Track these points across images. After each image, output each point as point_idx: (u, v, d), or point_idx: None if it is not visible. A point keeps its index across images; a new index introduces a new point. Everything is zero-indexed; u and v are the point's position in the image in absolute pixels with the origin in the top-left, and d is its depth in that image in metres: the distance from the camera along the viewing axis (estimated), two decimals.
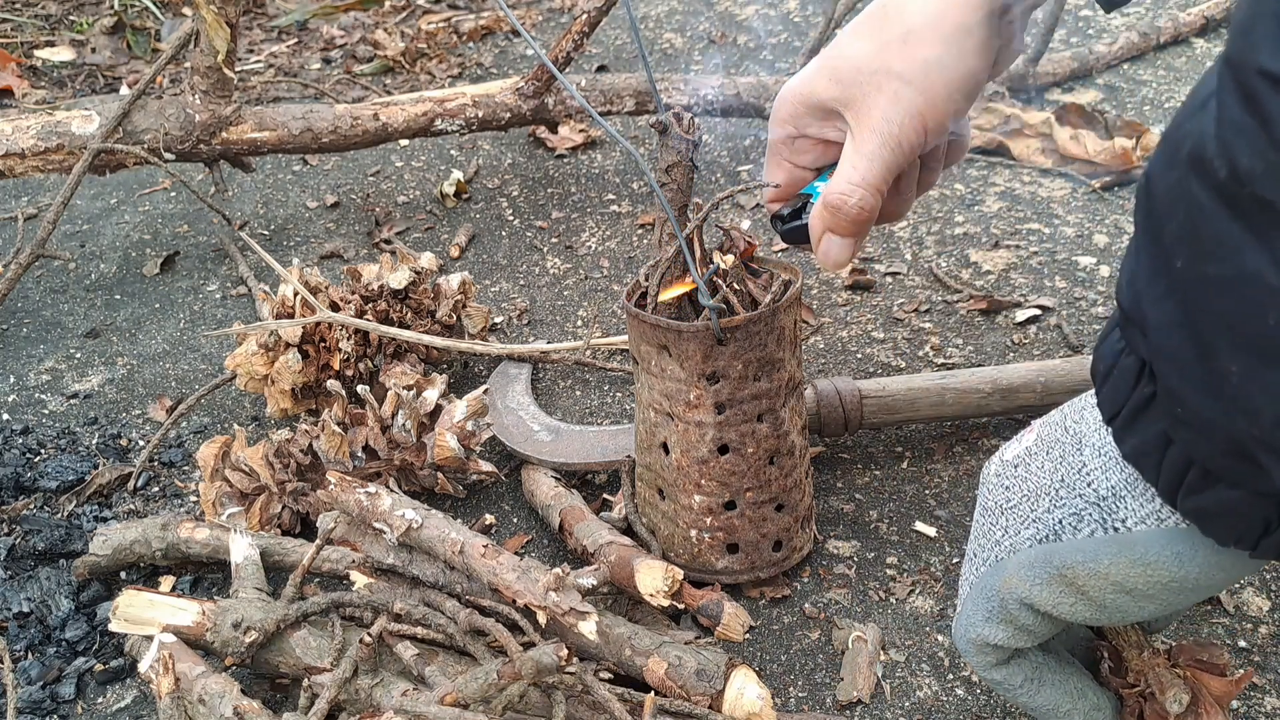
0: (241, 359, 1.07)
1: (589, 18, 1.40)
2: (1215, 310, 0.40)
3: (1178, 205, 0.41)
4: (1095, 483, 0.53)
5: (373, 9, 2.46)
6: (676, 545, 0.85)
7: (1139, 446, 0.49)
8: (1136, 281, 0.45)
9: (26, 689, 0.84)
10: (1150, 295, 0.44)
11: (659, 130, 0.75)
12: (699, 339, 0.75)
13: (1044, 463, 0.57)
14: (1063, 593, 0.55)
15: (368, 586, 0.82)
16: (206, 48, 1.32)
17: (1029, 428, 0.61)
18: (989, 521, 0.59)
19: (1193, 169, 0.40)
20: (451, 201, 1.59)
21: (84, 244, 1.60)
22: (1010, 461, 0.60)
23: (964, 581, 0.62)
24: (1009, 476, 0.59)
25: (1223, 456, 0.44)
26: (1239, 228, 0.38)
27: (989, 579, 0.58)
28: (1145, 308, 0.44)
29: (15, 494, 1.07)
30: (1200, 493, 0.46)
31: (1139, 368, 0.47)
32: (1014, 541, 0.57)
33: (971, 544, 0.62)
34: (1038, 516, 0.56)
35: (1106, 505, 0.52)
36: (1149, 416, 0.48)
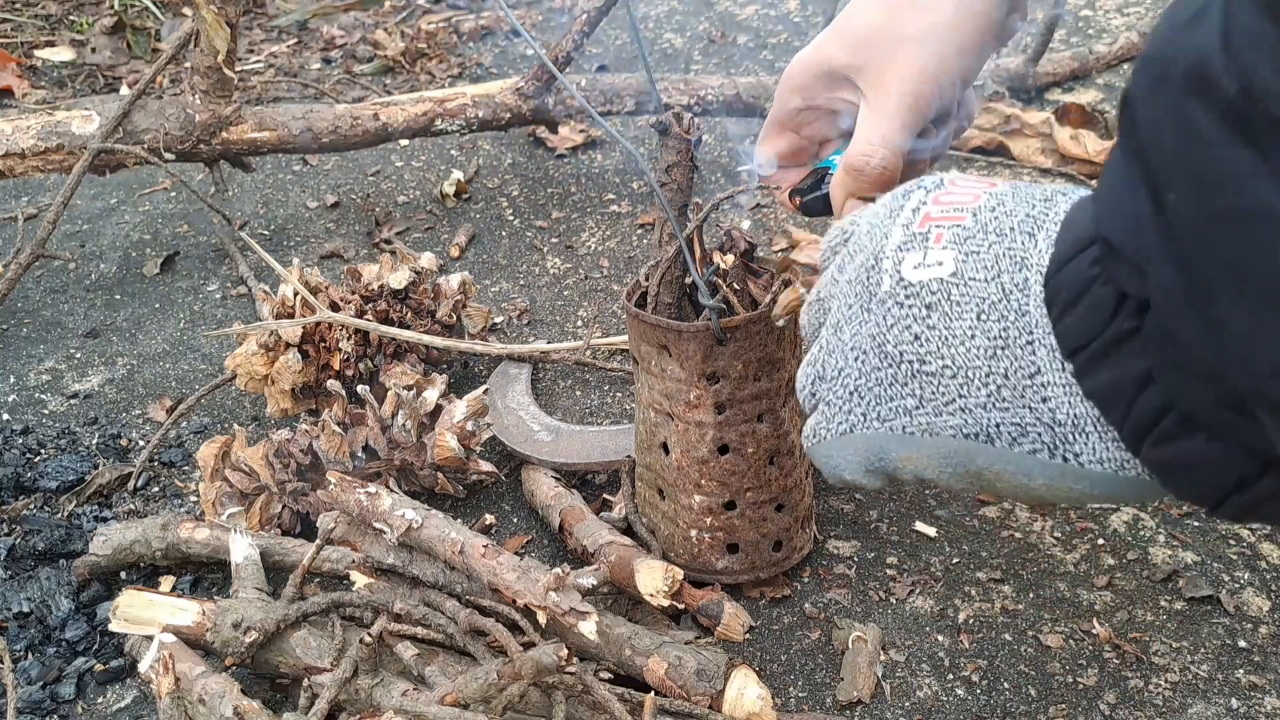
0: (241, 359, 1.07)
1: (589, 18, 1.40)
2: (1215, 251, 0.36)
3: (1169, 133, 0.36)
4: (1054, 403, 0.46)
5: (373, 9, 2.46)
6: (676, 545, 0.85)
7: (1107, 385, 0.43)
8: (1122, 213, 0.40)
9: (26, 689, 0.84)
10: (1142, 231, 0.39)
11: (659, 130, 0.75)
12: (699, 339, 0.75)
13: (973, 330, 0.47)
14: (969, 482, 0.50)
15: (368, 586, 0.82)
16: (206, 48, 1.32)
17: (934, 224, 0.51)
18: (893, 374, 0.50)
19: (1190, 90, 0.35)
20: (451, 201, 1.59)
21: (84, 244, 1.60)
22: (918, 289, 0.49)
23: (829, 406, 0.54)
24: (918, 318, 0.49)
25: (1219, 407, 0.40)
26: (1249, 155, 0.33)
27: (887, 444, 0.51)
28: (1138, 243, 0.40)
29: (15, 494, 1.07)
30: (1172, 441, 0.42)
31: (1117, 299, 0.42)
32: (932, 422, 0.49)
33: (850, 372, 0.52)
34: (968, 408, 0.48)
35: (1062, 433, 0.46)
36: (1125, 353, 0.42)
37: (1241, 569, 0.84)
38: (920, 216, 0.51)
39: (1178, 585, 0.83)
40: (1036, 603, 0.83)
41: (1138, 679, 0.76)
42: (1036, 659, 0.78)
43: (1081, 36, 1.87)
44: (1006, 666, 0.78)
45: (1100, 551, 0.87)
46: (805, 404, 0.57)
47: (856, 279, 0.53)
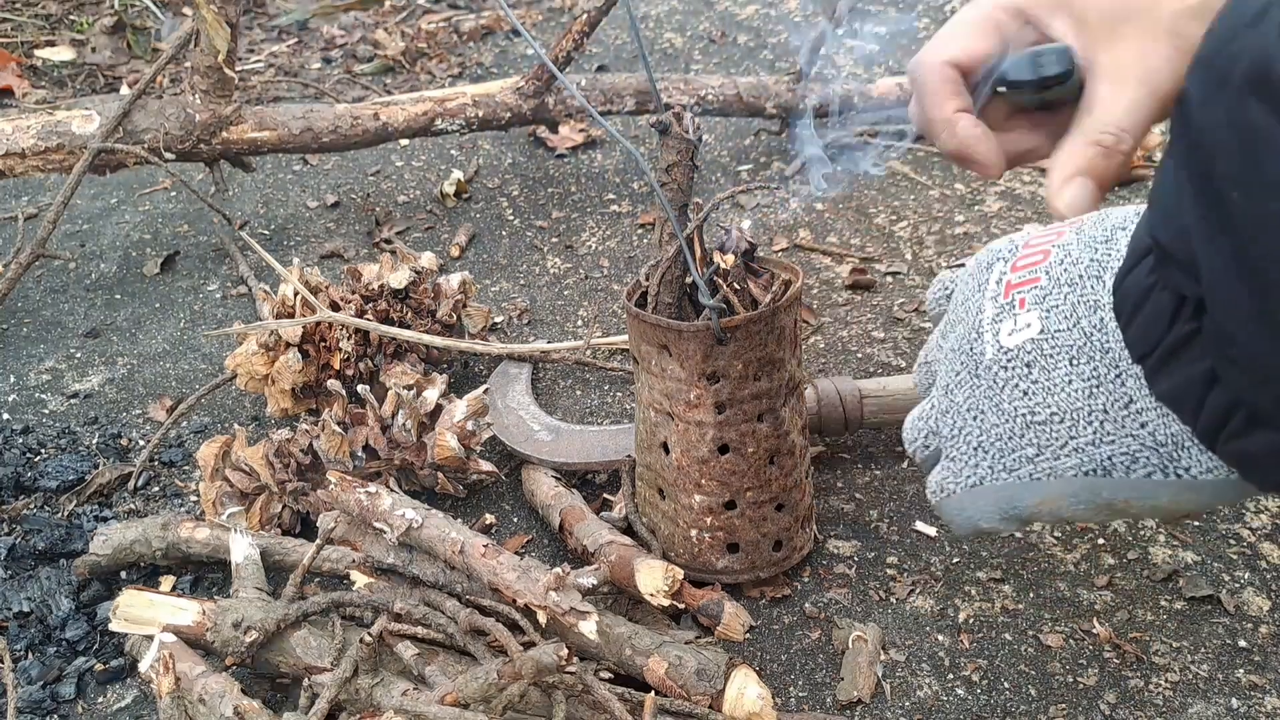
0: (242, 359, 1.07)
1: (589, 17, 1.40)
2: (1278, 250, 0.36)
3: (1231, 135, 0.37)
4: (1151, 426, 0.49)
5: (373, 9, 2.46)
6: (677, 545, 0.85)
7: (1177, 388, 0.46)
8: (1179, 217, 0.41)
9: (26, 689, 0.84)
10: (1201, 232, 0.40)
11: (659, 130, 0.75)
12: (699, 338, 0.75)
13: (1069, 376, 0.51)
14: (1105, 513, 0.53)
15: (368, 586, 0.82)
16: (206, 47, 1.32)
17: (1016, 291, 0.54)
18: (1010, 429, 0.54)
19: (1251, 91, 0.35)
20: (451, 201, 1.59)
21: (84, 244, 1.60)
22: (1016, 355, 0.54)
23: (954, 462, 0.58)
24: (1021, 378, 0.54)
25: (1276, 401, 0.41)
26: None
27: (1018, 491, 0.55)
28: (1196, 245, 0.40)
29: (15, 494, 1.07)
30: (1244, 436, 0.43)
31: (1175, 304, 0.44)
32: (1054, 467, 0.53)
33: (970, 431, 0.57)
34: (1080, 447, 0.52)
35: (1166, 453, 0.49)
36: (1188, 355, 0.44)
37: (1241, 569, 0.84)
38: (1004, 287, 0.56)
39: (1178, 585, 0.83)
40: (1036, 603, 0.83)
41: (1138, 679, 0.76)
42: (1036, 659, 0.78)
43: None
44: (1006, 666, 0.78)
45: (1100, 551, 0.87)
46: (917, 454, 0.62)
47: (960, 349, 0.58)
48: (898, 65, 1.82)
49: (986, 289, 0.57)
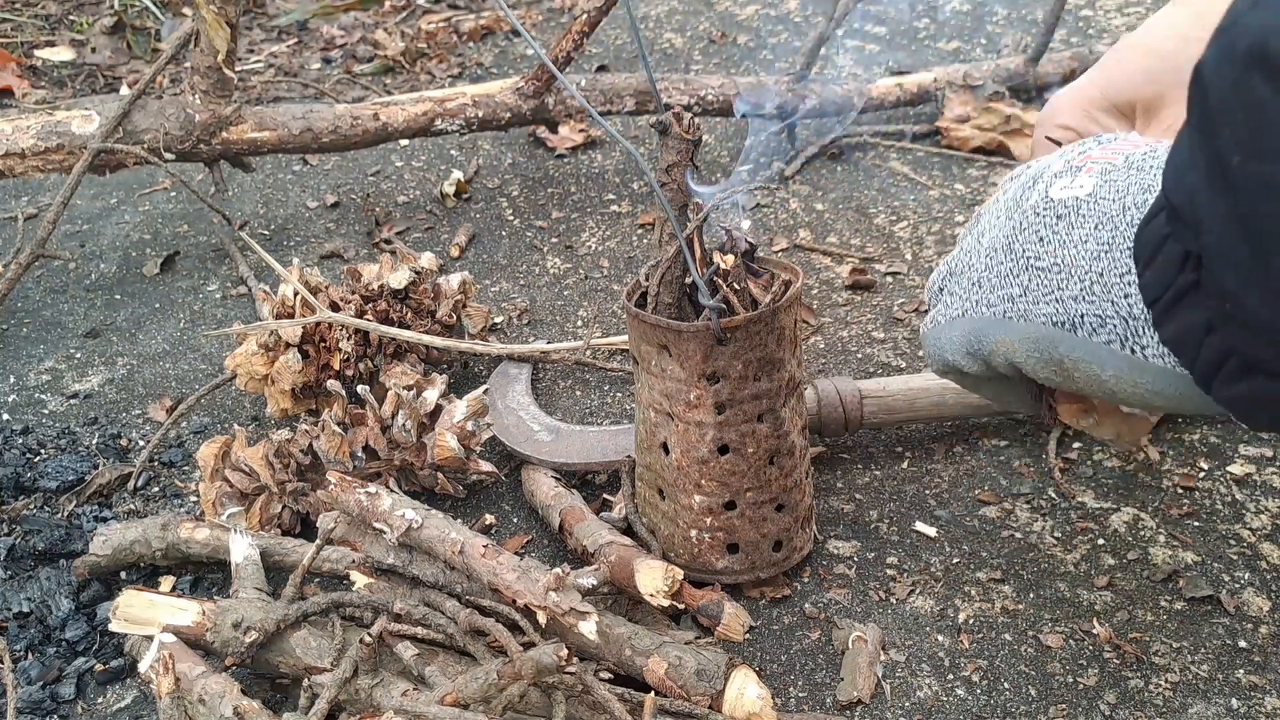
0: (241, 359, 1.07)
1: (589, 18, 1.40)
2: (1273, 212, 0.40)
3: (1234, 104, 0.40)
4: (1133, 299, 0.52)
5: (373, 9, 2.46)
6: (676, 545, 0.85)
7: (1178, 332, 0.49)
8: (1188, 177, 0.45)
9: (26, 689, 0.84)
10: (1205, 194, 0.43)
11: (659, 130, 0.75)
12: (699, 339, 0.75)
13: (1089, 234, 0.55)
14: (1052, 371, 0.56)
15: (368, 586, 0.82)
16: (206, 48, 1.32)
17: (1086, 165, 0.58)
18: (1011, 267, 0.58)
19: (1253, 65, 0.38)
20: (451, 201, 1.59)
21: (84, 244, 1.60)
22: (1056, 204, 0.57)
23: (952, 296, 0.62)
24: (1048, 226, 0.57)
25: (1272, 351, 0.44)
26: None
27: (988, 327, 0.59)
28: (1199, 206, 0.44)
29: (15, 494, 1.07)
30: (1237, 382, 0.47)
31: (1183, 256, 0.47)
32: (1029, 309, 0.57)
33: (978, 266, 0.60)
34: (1061, 299, 0.55)
35: (1135, 326, 0.52)
36: (1189, 304, 0.48)
37: (1241, 569, 0.84)
38: (1083, 154, 0.59)
39: (1178, 585, 0.83)
40: (1036, 603, 0.83)
41: (1138, 679, 0.76)
42: (1036, 659, 0.78)
43: (1081, 36, 1.87)
44: (1006, 666, 0.78)
45: (1100, 551, 0.87)
46: (931, 300, 0.65)
47: (1012, 197, 0.62)
48: (897, 65, 1.82)
49: (1068, 153, 0.60)
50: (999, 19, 1.99)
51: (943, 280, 0.64)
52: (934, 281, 0.66)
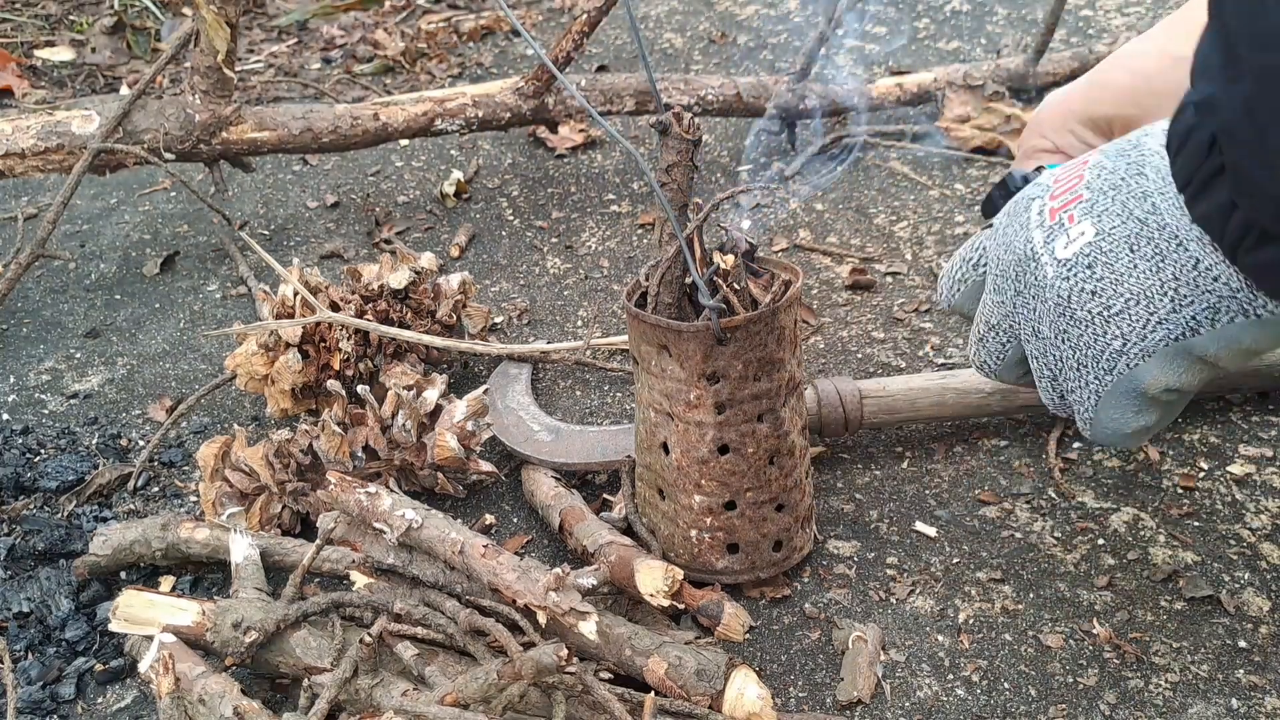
0: (241, 359, 1.07)
1: (589, 18, 1.40)
2: (1272, 96, 0.44)
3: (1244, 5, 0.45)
4: (1223, 277, 0.56)
5: (373, 9, 2.46)
6: (676, 545, 0.85)
7: (1208, 210, 0.53)
8: (1209, 69, 0.49)
9: (26, 689, 0.84)
10: (1220, 81, 0.48)
11: (659, 130, 0.75)
12: (699, 339, 0.75)
13: (1133, 261, 0.58)
14: (1203, 370, 0.59)
15: (368, 586, 0.82)
16: (206, 47, 1.32)
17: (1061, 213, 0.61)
18: (1090, 332, 0.60)
19: None
20: (451, 201, 1.59)
21: (84, 244, 1.60)
22: (1075, 262, 0.60)
23: (1074, 394, 0.63)
24: (1085, 279, 0.59)
25: (1276, 219, 0.49)
26: None
27: (1126, 385, 0.60)
28: (1216, 92, 0.49)
29: (15, 494, 1.07)
30: (1257, 250, 0.51)
31: (1209, 141, 0.51)
32: (1144, 346, 0.58)
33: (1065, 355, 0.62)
34: (1163, 319, 0.57)
35: (1243, 296, 0.55)
36: (1217, 185, 0.52)
37: (1241, 569, 0.84)
38: (1047, 214, 0.62)
39: (1178, 585, 0.83)
40: (1036, 603, 0.83)
41: (1138, 679, 0.76)
42: (1036, 659, 0.78)
43: (1081, 36, 1.87)
44: (1006, 666, 0.78)
45: (1100, 551, 0.87)
46: (1055, 404, 0.67)
47: (1023, 286, 0.64)
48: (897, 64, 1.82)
49: (1030, 222, 0.63)
50: (999, 19, 1.99)
51: (1055, 394, 0.65)
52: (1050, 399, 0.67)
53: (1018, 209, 0.64)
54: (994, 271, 0.66)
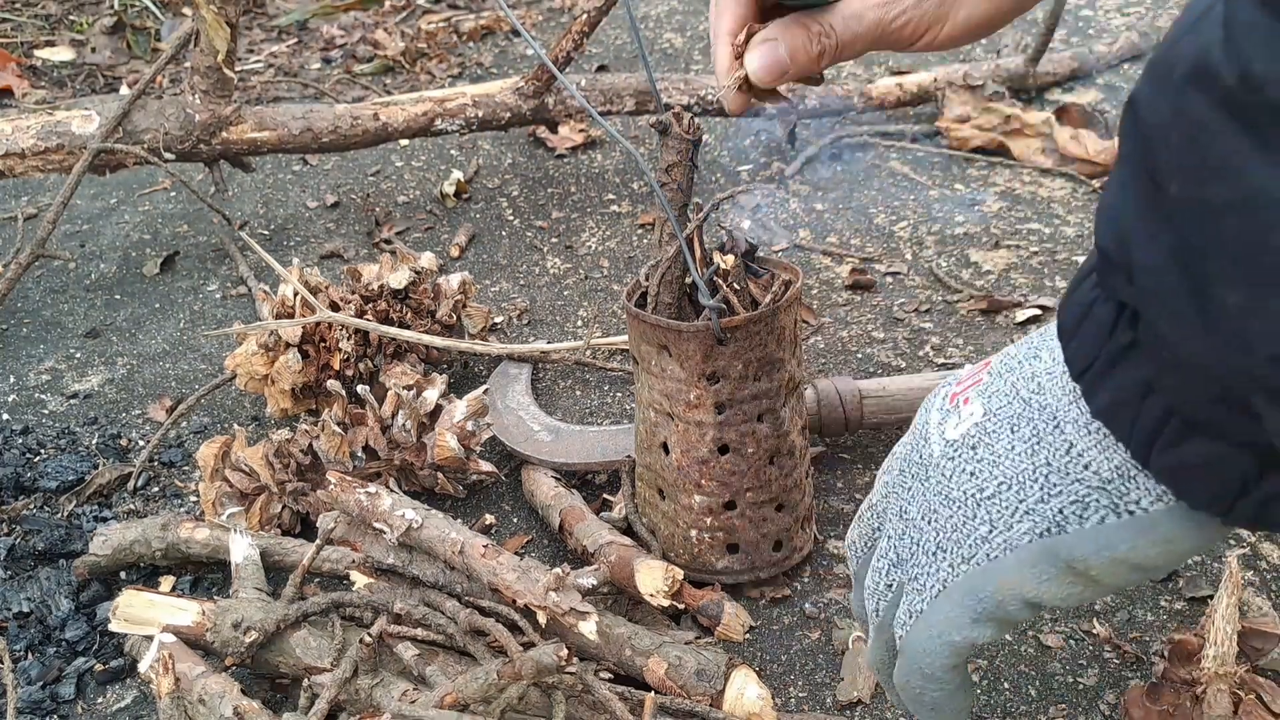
0: (241, 359, 1.07)
1: (589, 18, 1.40)
2: (1214, 237, 0.37)
3: (1172, 129, 0.38)
4: (1094, 465, 0.48)
5: (373, 9, 2.46)
6: (676, 545, 0.85)
7: (1113, 399, 0.46)
8: (1121, 221, 0.42)
9: (26, 689, 0.84)
10: (1139, 233, 0.41)
11: (659, 130, 0.75)
12: (699, 339, 0.75)
13: (1011, 443, 0.52)
14: (1072, 584, 0.51)
15: (368, 586, 0.82)
16: (206, 47, 1.32)
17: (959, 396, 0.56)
18: (960, 514, 0.54)
19: (1192, 85, 0.37)
20: (451, 201, 1.59)
21: (84, 244, 1.60)
22: (961, 442, 0.54)
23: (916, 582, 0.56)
24: (967, 460, 0.54)
25: (1210, 403, 0.41)
26: (1246, 141, 0.35)
27: (977, 579, 0.53)
28: (1132, 247, 0.41)
29: (15, 494, 1.07)
30: (1177, 446, 0.44)
31: (1115, 314, 0.44)
32: (1007, 538, 0.52)
33: (926, 537, 0.56)
34: (1030, 508, 0.51)
35: (1114, 488, 0.48)
36: (1125, 367, 0.45)
37: (1241, 569, 0.84)
38: (949, 395, 0.57)
39: (1178, 585, 0.83)
40: None
41: (1138, 679, 0.76)
42: (1036, 659, 0.78)
43: (1081, 36, 1.87)
44: (1006, 666, 0.78)
45: None
46: (879, 603, 0.59)
47: (907, 465, 0.58)
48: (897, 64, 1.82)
49: (932, 407, 0.58)
50: None
51: (888, 575, 0.58)
52: (875, 582, 0.59)
53: (929, 398, 0.59)
54: (895, 453, 0.61)
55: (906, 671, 0.56)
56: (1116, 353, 0.44)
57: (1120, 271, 0.43)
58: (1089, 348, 0.46)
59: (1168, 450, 0.44)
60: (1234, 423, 0.41)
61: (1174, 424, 0.43)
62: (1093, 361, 0.46)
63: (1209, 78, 0.36)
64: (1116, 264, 0.43)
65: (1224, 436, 0.42)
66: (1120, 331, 0.44)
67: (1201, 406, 0.42)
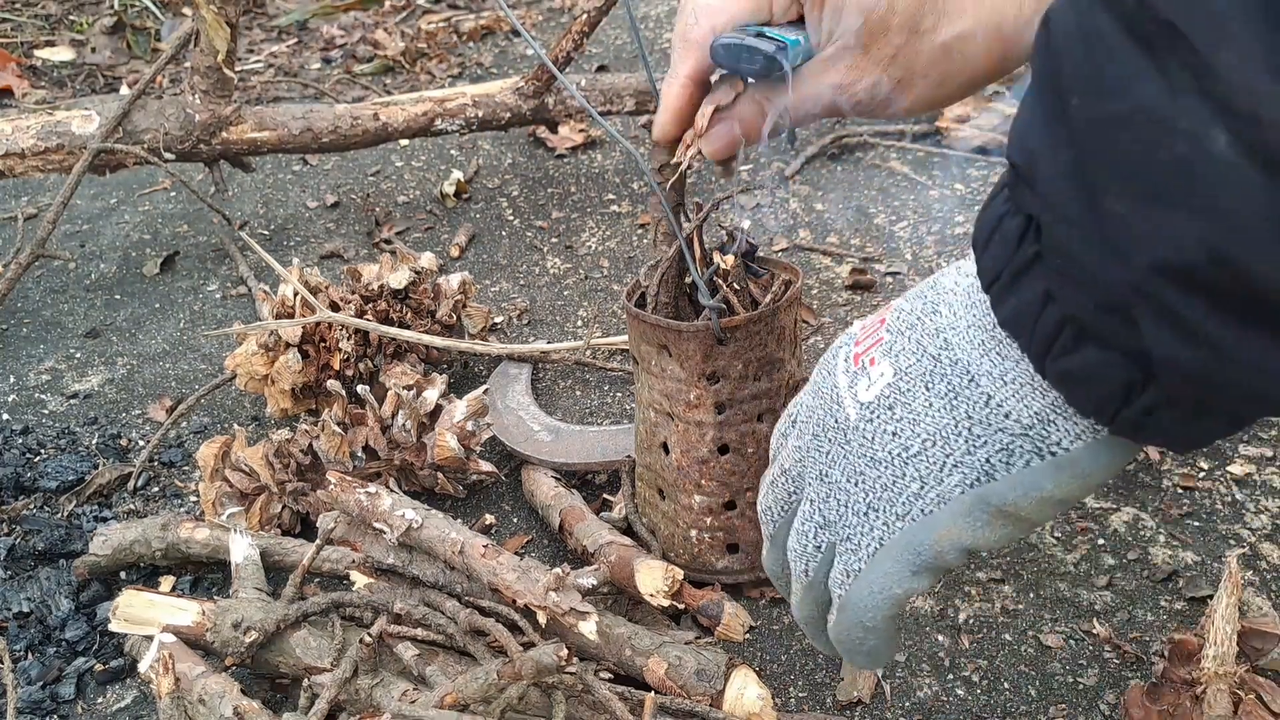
0: (241, 359, 1.07)
1: (589, 17, 1.40)
2: (1108, 150, 0.39)
3: (1077, 43, 0.40)
4: (1014, 414, 0.50)
5: (373, 9, 2.46)
6: (676, 545, 0.85)
7: (1016, 309, 0.47)
8: (1029, 136, 0.44)
9: (26, 689, 0.84)
10: (1043, 145, 0.42)
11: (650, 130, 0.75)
12: (699, 338, 0.75)
13: (928, 400, 0.53)
14: (1004, 526, 0.53)
15: (368, 586, 0.82)
16: (206, 47, 1.32)
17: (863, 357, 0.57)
18: (889, 474, 0.55)
19: (1100, 3, 0.39)
20: (451, 201, 1.59)
21: (84, 244, 1.60)
22: (877, 404, 0.55)
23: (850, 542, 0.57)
24: (886, 421, 0.55)
25: (1099, 310, 0.42)
26: (1139, 57, 0.37)
27: (914, 534, 0.54)
28: (1037, 160, 0.43)
29: (15, 494, 1.07)
30: (1070, 354, 0.45)
31: (1023, 227, 0.45)
32: (940, 492, 0.53)
33: (855, 498, 0.56)
34: (958, 461, 0.52)
35: (1035, 433, 0.50)
36: (1030, 277, 0.46)
37: (1241, 569, 0.84)
38: (851, 359, 0.58)
39: (1178, 585, 0.83)
40: (1036, 603, 0.83)
41: (1138, 679, 0.76)
42: (1036, 659, 0.78)
43: None
44: (1006, 666, 0.78)
45: (1100, 551, 0.87)
46: (809, 564, 0.59)
47: (821, 429, 0.59)
48: None
49: (836, 367, 0.58)
50: None
51: (816, 537, 0.59)
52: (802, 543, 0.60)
53: (828, 360, 0.60)
54: (800, 418, 0.61)
55: (846, 626, 0.58)
56: (1022, 264, 0.46)
57: (1027, 184, 0.44)
58: (998, 260, 0.47)
59: (1060, 357, 0.45)
60: (1121, 332, 0.42)
61: (1068, 332, 0.45)
62: (1000, 273, 0.47)
63: None
64: (1024, 177, 0.44)
65: (1112, 346, 0.43)
66: (1027, 244, 0.45)
67: (1092, 315, 0.43)
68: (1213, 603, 0.71)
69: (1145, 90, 0.37)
